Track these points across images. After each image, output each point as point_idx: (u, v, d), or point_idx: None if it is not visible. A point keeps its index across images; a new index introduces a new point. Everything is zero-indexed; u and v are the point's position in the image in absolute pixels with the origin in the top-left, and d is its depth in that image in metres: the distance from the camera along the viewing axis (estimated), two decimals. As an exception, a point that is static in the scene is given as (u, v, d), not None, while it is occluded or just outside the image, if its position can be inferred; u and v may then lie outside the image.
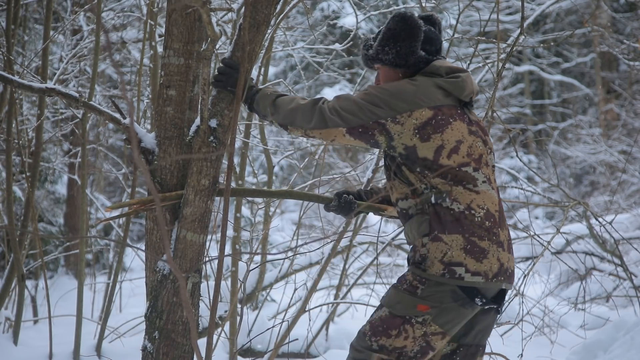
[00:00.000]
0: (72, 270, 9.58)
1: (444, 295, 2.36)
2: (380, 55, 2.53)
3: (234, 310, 4.60)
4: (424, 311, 2.36)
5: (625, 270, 5.27)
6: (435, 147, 2.41)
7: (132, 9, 6.53)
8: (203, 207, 2.49)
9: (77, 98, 2.64)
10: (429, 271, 2.37)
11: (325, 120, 2.43)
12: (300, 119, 2.46)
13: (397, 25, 2.49)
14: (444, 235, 2.37)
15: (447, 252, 2.36)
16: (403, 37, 2.49)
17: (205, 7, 2.26)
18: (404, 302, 2.38)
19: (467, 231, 2.37)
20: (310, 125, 2.45)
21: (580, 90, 18.05)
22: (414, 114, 2.41)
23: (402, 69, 2.53)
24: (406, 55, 2.50)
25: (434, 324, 2.37)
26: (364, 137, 2.44)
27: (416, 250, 2.43)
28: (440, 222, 2.38)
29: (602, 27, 10.71)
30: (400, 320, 2.38)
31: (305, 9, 4.40)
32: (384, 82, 2.57)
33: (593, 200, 11.79)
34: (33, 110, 6.76)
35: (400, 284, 2.43)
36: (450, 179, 2.41)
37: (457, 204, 2.40)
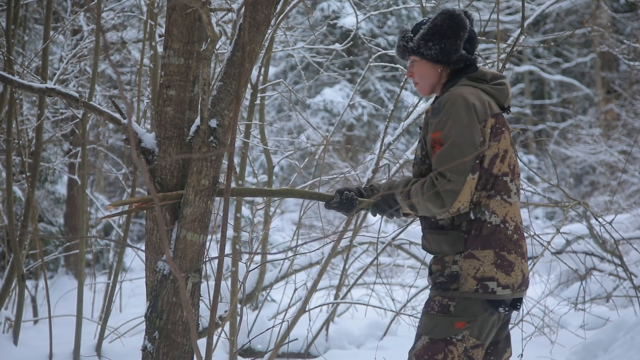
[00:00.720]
0: (72, 270, 9.58)
1: (476, 307, 2.40)
2: (422, 49, 2.51)
3: (234, 310, 4.60)
4: (462, 328, 2.40)
5: (625, 270, 5.27)
6: (492, 155, 2.43)
7: (132, 9, 6.53)
8: (203, 207, 2.49)
9: (77, 98, 2.64)
10: (462, 288, 2.40)
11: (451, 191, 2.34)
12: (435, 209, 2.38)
13: (444, 22, 2.49)
14: (477, 251, 2.40)
15: (479, 267, 2.40)
16: (449, 34, 2.49)
17: (205, 7, 2.26)
18: (440, 325, 2.41)
19: (498, 245, 2.41)
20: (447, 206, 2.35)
21: (580, 90, 18.05)
22: (487, 123, 2.42)
23: (442, 65, 2.53)
24: (449, 52, 2.50)
25: (471, 338, 2.41)
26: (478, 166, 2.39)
27: (445, 266, 2.43)
28: (477, 238, 2.40)
29: (602, 27, 10.71)
30: (442, 343, 2.40)
31: (305, 9, 4.40)
32: (419, 76, 2.57)
33: (593, 200, 11.79)
34: (33, 110, 6.76)
35: (431, 308, 2.44)
36: (490, 189, 2.42)
37: (494, 216, 2.42)
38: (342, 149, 13.36)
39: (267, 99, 7.10)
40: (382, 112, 14.54)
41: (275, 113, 13.80)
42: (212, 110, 2.49)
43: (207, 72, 2.47)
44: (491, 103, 2.47)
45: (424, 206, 2.39)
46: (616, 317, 5.22)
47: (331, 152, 12.09)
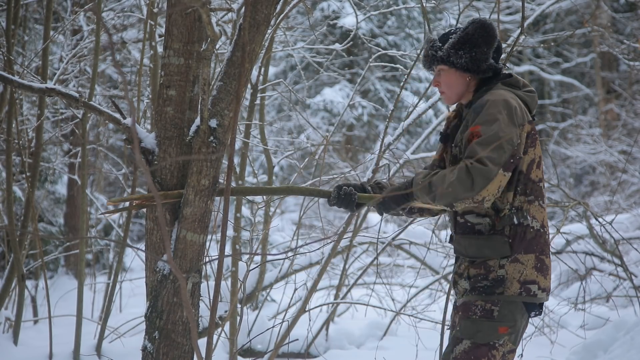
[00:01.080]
0: (72, 270, 9.58)
1: (517, 312, 2.44)
2: (452, 57, 2.54)
3: (234, 310, 4.60)
4: (505, 333, 2.43)
5: (625, 270, 5.27)
6: (529, 161, 2.46)
7: (132, 9, 6.53)
8: (203, 207, 2.49)
9: (77, 98, 2.64)
10: (507, 292, 2.42)
11: (485, 174, 2.33)
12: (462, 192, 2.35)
13: (476, 31, 2.52)
14: (521, 255, 2.43)
15: (523, 271, 2.43)
16: (480, 43, 2.52)
17: (205, 7, 2.26)
18: (484, 329, 2.43)
19: (539, 250, 2.46)
20: (476, 190, 2.33)
21: (580, 90, 18.06)
22: (524, 127, 2.45)
23: (472, 74, 2.55)
24: (480, 61, 2.53)
25: (509, 343, 2.45)
26: (512, 165, 2.39)
27: (490, 270, 2.44)
28: (522, 242, 2.43)
29: (602, 27, 10.71)
30: (485, 347, 2.42)
31: (305, 9, 4.40)
32: (447, 85, 2.58)
33: (593, 200, 11.79)
34: (33, 110, 6.76)
35: (473, 313, 2.46)
36: (530, 194, 2.45)
37: (535, 221, 2.46)
38: (342, 149, 13.36)
39: (267, 99, 7.10)
40: (382, 112, 14.55)
41: (275, 113, 13.81)
42: (212, 110, 2.49)
43: (207, 72, 2.47)
44: (525, 109, 2.50)
45: (448, 190, 2.36)
46: (616, 317, 5.22)
47: (331, 152, 12.09)
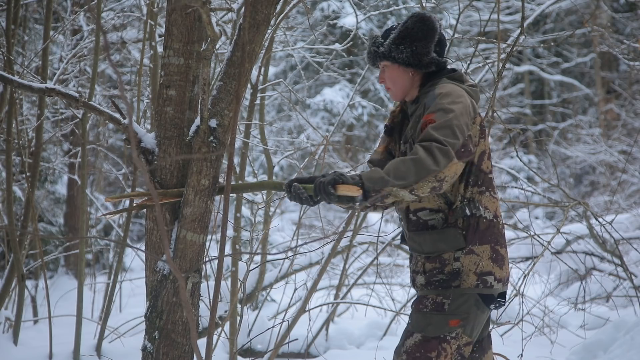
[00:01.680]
0: (72, 270, 9.59)
1: (469, 305, 2.41)
2: (393, 53, 2.52)
3: (234, 310, 4.60)
4: (456, 325, 2.40)
5: (625, 270, 5.27)
6: (480, 152, 2.46)
7: (132, 9, 6.53)
8: (203, 207, 2.49)
9: (77, 98, 2.64)
10: (463, 285, 2.40)
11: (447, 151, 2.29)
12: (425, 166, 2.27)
13: (415, 25, 2.51)
14: (475, 247, 2.41)
15: (479, 263, 2.41)
16: (420, 37, 2.50)
17: (205, 7, 2.26)
18: (434, 323, 2.40)
19: (493, 240, 2.44)
20: (440, 166, 2.27)
21: (580, 90, 18.06)
22: (476, 119, 2.45)
23: (414, 68, 2.54)
24: (421, 55, 2.51)
25: (464, 335, 2.42)
26: (465, 155, 2.35)
27: (445, 263, 2.42)
28: (475, 233, 2.42)
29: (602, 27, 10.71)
30: (435, 341, 2.40)
31: (305, 9, 4.40)
32: (391, 81, 2.57)
33: (593, 200, 11.79)
34: (33, 110, 6.76)
35: (424, 306, 2.44)
36: (481, 185, 2.45)
37: (488, 211, 2.44)
38: (342, 149, 13.36)
39: (267, 99, 7.10)
40: (382, 112, 14.54)
41: (275, 113, 13.80)
42: (212, 110, 2.49)
43: (207, 72, 2.47)
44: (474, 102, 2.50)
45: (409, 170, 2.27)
46: (616, 317, 5.22)
47: (331, 152, 12.09)
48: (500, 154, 14.87)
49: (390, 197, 2.29)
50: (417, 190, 2.28)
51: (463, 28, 15.74)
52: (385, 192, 2.27)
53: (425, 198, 2.47)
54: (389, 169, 2.29)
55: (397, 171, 2.27)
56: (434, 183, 2.29)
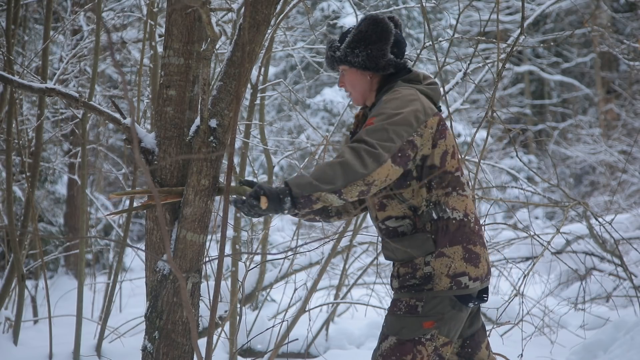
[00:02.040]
0: (72, 270, 9.59)
1: (443, 306, 2.39)
2: (349, 57, 2.50)
3: (234, 310, 4.59)
4: (430, 327, 2.38)
5: (625, 270, 5.27)
6: (442, 153, 2.43)
7: (132, 9, 6.53)
8: (203, 207, 2.49)
9: (77, 98, 2.64)
10: (436, 288, 2.38)
11: (376, 156, 2.24)
12: (353, 170, 2.22)
13: (368, 27, 2.48)
14: (446, 249, 2.39)
15: (451, 265, 2.39)
16: (374, 39, 2.47)
17: (205, 7, 2.26)
18: (408, 325, 2.39)
19: (465, 240, 2.42)
20: (369, 169, 2.22)
21: (580, 90, 18.07)
22: (428, 123, 2.39)
23: (371, 71, 2.51)
24: (377, 58, 2.48)
25: (441, 336, 2.40)
26: (402, 161, 2.31)
27: (417, 268, 2.41)
28: (445, 236, 2.39)
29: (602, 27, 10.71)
30: (410, 343, 2.38)
31: (305, 9, 4.40)
32: (350, 85, 2.55)
33: (593, 200, 11.79)
34: (33, 110, 6.76)
35: (398, 309, 2.42)
36: (447, 186, 2.42)
37: (456, 212, 2.42)
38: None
39: (267, 99, 7.10)
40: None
41: (275, 113, 13.80)
42: (212, 110, 2.49)
43: (207, 72, 2.47)
44: (429, 103, 2.47)
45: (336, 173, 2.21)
46: (616, 317, 5.22)
47: (331, 152, 12.09)
48: (500, 154, 14.87)
49: (319, 202, 2.23)
50: (345, 194, 2.23)
51: (463, 28, 15.74)
52: (314, 198, 2.21)
53: (389, 206, 2.44)
54: (316, 173, 2.24)
55: (324, 175, 2.22)
56: (362, 187, 2.24)
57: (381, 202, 2.47)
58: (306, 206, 2.23)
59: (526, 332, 5.00)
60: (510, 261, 5.90)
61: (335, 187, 2.22)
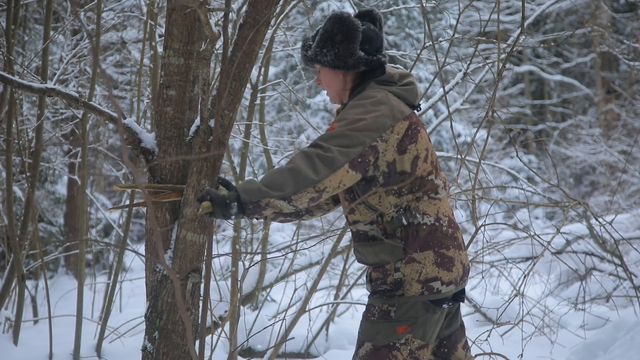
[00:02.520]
0: (72, 270, 9.59)
1: (416, 309, 2.37)
2: (319, 56, 2.46)
3: (234, 310, 4.60)
4: (404, 332, 2.36)
5: (625, 270, 5.27)
6: (412, 159, 2.37)
7: (132, 9, 6.53)
8: (203, 207, 2.49)
9: (77, 98, 2.64)
10: (407, 294, 2.35)
11: (331, 161, 2.20)
12: (304, 178, 2.18)
13: (333, 26, 2.42)
14: (416, 254, 2.35)
15: (421, 270, 2.35)
16: (340, 39, 2.42)
17: (203, 7, 2.26)
18: (382, 331, 2.37)
19: (437, 244, 2.37)
20: (320, 176, 2.19)
21: (580, 90, 18.07)
22: (395, 128, 2.34)
23: (342, 70, 2.46)
24: (345, 57, 2.43)
25: (415, 340, 2.38)
26: (361, 167, 2.28)
27: (387, 274, 2.38)
28: (415, 241, 2.36)
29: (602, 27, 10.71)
30: (385, 349, 2.37)
31: (305, 9, 4.40)
32: (325, 84, 2.52)
33: (593, 200, 11.79)
34: (33, 110, 6.76)
35: (371, 315, 2.40)
36: (417, 190, 2.38)
37: (427, 217, 2.38)
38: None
39: (267, 99, 7.10)
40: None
41: (275, 113, 13.81)
42: (212, 110, 2.49)
43: (207, 72, 2.47)
44: (401, 106, 2.40)
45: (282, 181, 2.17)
46: (616, 317, 5.22)
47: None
48: (500, 154, 14.87)
49: (268, 208, 2.20)
50: (295, 201, 2.20)
51: (463, 28, 15.75)
52: (262, 204, 2.18)
53: (357, 211, 2.41)
54: (265, 179, 2.20)
55: (274, 181, 2.18)
56: (313, 194, 2.20)
57: (351, 207, 2.43)
58: (255, 212, 2.20)
59: (526, 332, 5.00)
60: (510, 261, 5.90)
61: (285, 193, 2.18)
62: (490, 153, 14.05)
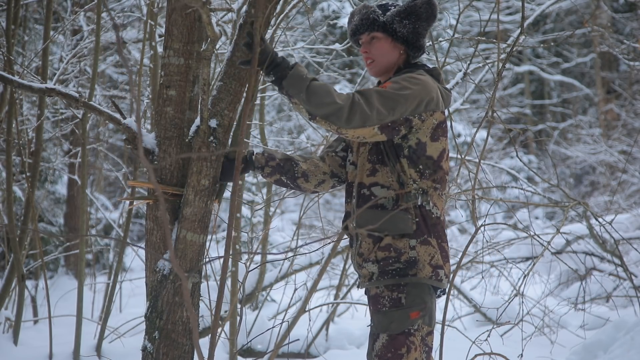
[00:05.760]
0: (72, 270, 9.59)
1: (425, 294, 2.40)
2: (395, 24, 2.51)
3: (234, 310, 4.60)
4: (417, 317, 2.39)
5: (625, 270, 5.27)
6: (441, 149, 2.46)
7: (132, 9, 6.53)
8: (203, 207, 2.49)
9: (77, 98, 2.64)
10: (419, 274, 2.38)
11: (365, 119, 2.30)
12: (337, 116, 2.29)
13: (423, 5, 2.51)
14: (431, 239, 2.42)
15: (434, 255, 2.41)
16: (425, 17, 2.52)
17: (205, 7, 2.26)
18: (396, 319, 2.38)
19: (440, 237, 2.46)
20: (350, 125, 2.30)
21: (580, 90, 18.07)
22: (435, 114, 2.44)
23: (405, 46, 2.54)
24: (420, 35, 2.53)
25: (424, 326, 2.41)
26: (389, 132, 2.37)
27: (402, 252, 2.39)
28: (427, 225, 2.42)
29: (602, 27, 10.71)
30: (402, 336, 2.38)
31: (305, 9, 4.39)
32: (379, 53, 2.55)
33: (593, 200, 11.79)
34: (33, 110, 6.76)
35: (382, 305, 2.41)
36: (437, 182, 2.45)
37: (436, 209, 2.45)
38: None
39: (267, 99, 7.10)
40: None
41: (275, 113, 13.80)
42: (212, 110, 2.49)
43: (207, 72, 2.47)
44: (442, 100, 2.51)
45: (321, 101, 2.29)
46: (616, 317, 5.22)
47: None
48: (500, 154, 14.87)
49: (295, 102, 2.32)
50: (316, 122, 2.33)
51: (463, 28, 15.74)
52: (294, 99, 2.31)
53: (380, 172, 2.45)
54: (315, 87, 2.30)
55: (317, 97, 2.29)
56: (333, 130, 2.33)
57: (373, 168, 2.47)
58: (286, 91, 2.32)
59: (526, 332, 5.01)
60: (510, 261, 5.90)
61: (315, 110, 2.30)
62: (490, 153, 14.06)
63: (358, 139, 2.36)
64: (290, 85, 2.31)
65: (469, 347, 3.58)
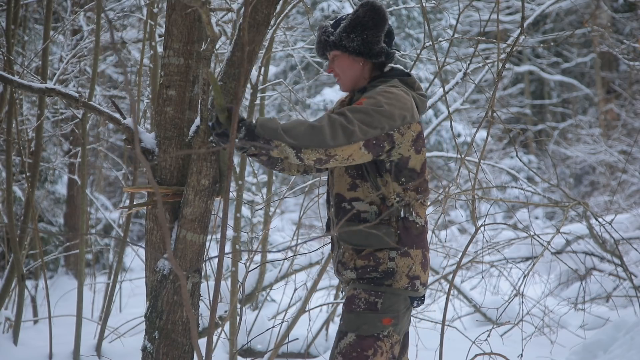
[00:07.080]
0: (72, 270, 9.59)
1: (399, 304, 2.44)
2: (344, 41, 2.51)
3: (234, 310, 4.59)
4: (389, 324, 2.41)
5: (625, 270, 5.27)
6: (423, 161, 2.49)
7: (132, 9, 6.53)
8: (203, 207, 2.49)
9: (77, 98, 2.64)
10: (395, 285, 2.42)
11: (349, 135, 2.28)
12: (321, 138, 2.26)
13: (366, 13, 2.50)
14: (412, 250, 2.44)
15: (412, 266, 2.45)
16: (371, 25, 2.50)
17: (205, 7, 2.26)
18: (368, 322, 2.40)
19: (424, 246, 2.49)
20: (336, 143, 2.27)
21: (580, 90, 18.07)
22: (412, 126, 2.44)
23: (364, 57, 2.53)
24: (371, 44, 2.51)
25: (394, 334, 2.43)
26: (374, 149, 2.36)
27: (380, 262, 2.42)
28: (409, 236, 2.43)
29: (602, 27, 10.71)
30: (371, 339, 2.40)
31: (305, 9, 4.40)
32: (341, 70, 2.56)
33: (593, 200, 11.79)
34: (33, 110, 6.76)
35: (356, 306, 2.43)
36: (419, 192, 2.47)
37: (419, 218, 2.48)
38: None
39: (267, 99, 7.10)
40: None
41: (275, 113, 13.81)
42: (211, 110, 2.49)
43: (207, 72, 2.47)
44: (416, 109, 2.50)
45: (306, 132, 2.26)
46: (616, 317, 5.22)
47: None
48: (500, 154, 14.87)
49: (276, 150, 2.28)
50: (304, 155, 2.28)
51: (463, 28, 15.75)
52: (273, 144, 2.27)
53: (361, 188, 2.45)
54: (287, 124, 2.28)
55: (294, 130, 2.27)
56: (322, 156, 2.29)
57: (353, 183, 2.48)
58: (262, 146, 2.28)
59: (526, 332, 5.00)
60: (510, 261, 5.90)
61: (298, 143, 2.26)
62: (490, 153, 14.06)
63: (348, 160, 2.33)
64: (263, 128, 2.28)
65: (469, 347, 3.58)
